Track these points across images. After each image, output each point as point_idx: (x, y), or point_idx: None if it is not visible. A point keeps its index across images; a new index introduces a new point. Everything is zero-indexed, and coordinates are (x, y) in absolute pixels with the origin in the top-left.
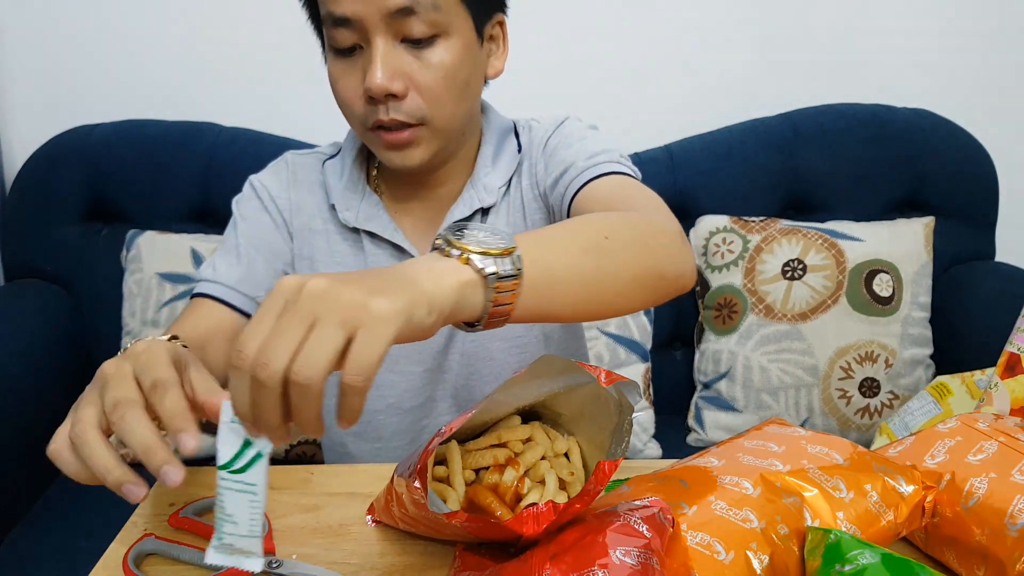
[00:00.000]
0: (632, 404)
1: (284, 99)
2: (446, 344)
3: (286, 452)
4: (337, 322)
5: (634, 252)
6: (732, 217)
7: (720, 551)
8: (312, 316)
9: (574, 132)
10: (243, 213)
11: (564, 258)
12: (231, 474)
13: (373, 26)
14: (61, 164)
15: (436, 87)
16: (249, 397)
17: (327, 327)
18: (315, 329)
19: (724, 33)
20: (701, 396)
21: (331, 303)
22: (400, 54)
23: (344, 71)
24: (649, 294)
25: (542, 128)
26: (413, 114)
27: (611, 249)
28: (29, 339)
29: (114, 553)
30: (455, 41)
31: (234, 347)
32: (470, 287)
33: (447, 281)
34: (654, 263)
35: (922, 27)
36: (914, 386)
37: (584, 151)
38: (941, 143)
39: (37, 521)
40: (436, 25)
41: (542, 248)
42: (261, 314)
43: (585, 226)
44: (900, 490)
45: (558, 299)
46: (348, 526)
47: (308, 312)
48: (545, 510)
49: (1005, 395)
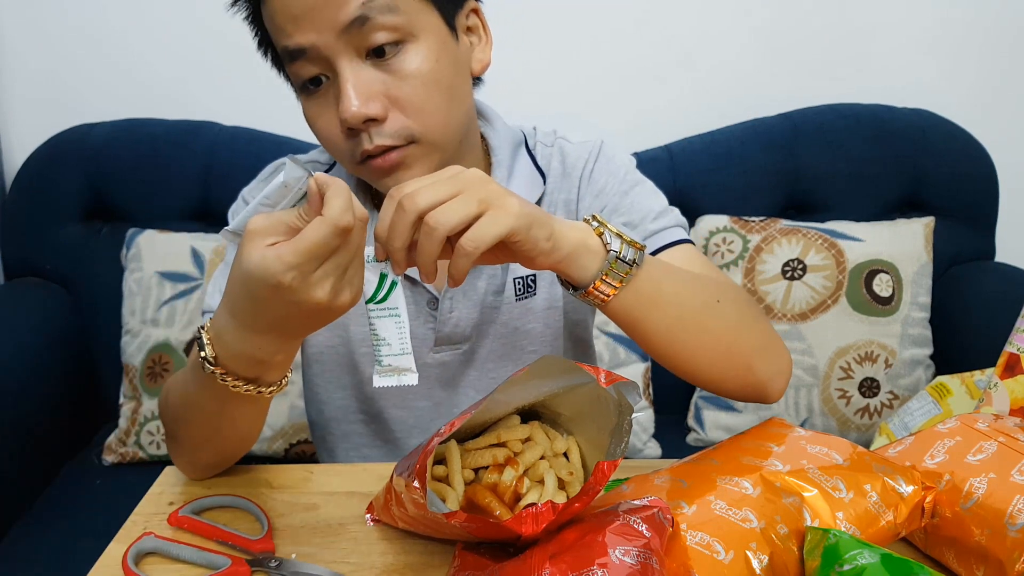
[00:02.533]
0: (632, 404)
1: (284, 98)
2: (456, 377)
3: (285, 452)
4: (477, 199)
5: (735, 328)
6: (732, 217)
7: (719, 551)
8: (463, 187)
9: (623, 171)
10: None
11: (678, 288)
12: (377, 304)
13: (331, 49)
14: (61, 163)
15: (418, 100)
16: (391, 219)
17: (469, 198)
18: (460, 196)
19: (724, 33)
20: (701, 396)
21: (480, 185)
22: (369, 73)
23: (318, 109)
24: (731, 374)
25: (577, 154)
26: (399, 134)
27: (719, 311)
28: (29, 338)
29: (113, 552)
30: (425, 43)
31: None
32: (592, 252)
33: (576, 233)
34: (749, 349)
35: (922, 27)
36: (914, 386)
37: (647, 205)
38: (941, 143)
39: (37, 521)
40: (397, 29)
41: (663, 270)
42: (433, 175)
43: (706, 282)
44: (900, 490)
45: (655, 316)
46: (347, 525)
47: (462, 184)
48: (544, 510)
49: (1005, 395)
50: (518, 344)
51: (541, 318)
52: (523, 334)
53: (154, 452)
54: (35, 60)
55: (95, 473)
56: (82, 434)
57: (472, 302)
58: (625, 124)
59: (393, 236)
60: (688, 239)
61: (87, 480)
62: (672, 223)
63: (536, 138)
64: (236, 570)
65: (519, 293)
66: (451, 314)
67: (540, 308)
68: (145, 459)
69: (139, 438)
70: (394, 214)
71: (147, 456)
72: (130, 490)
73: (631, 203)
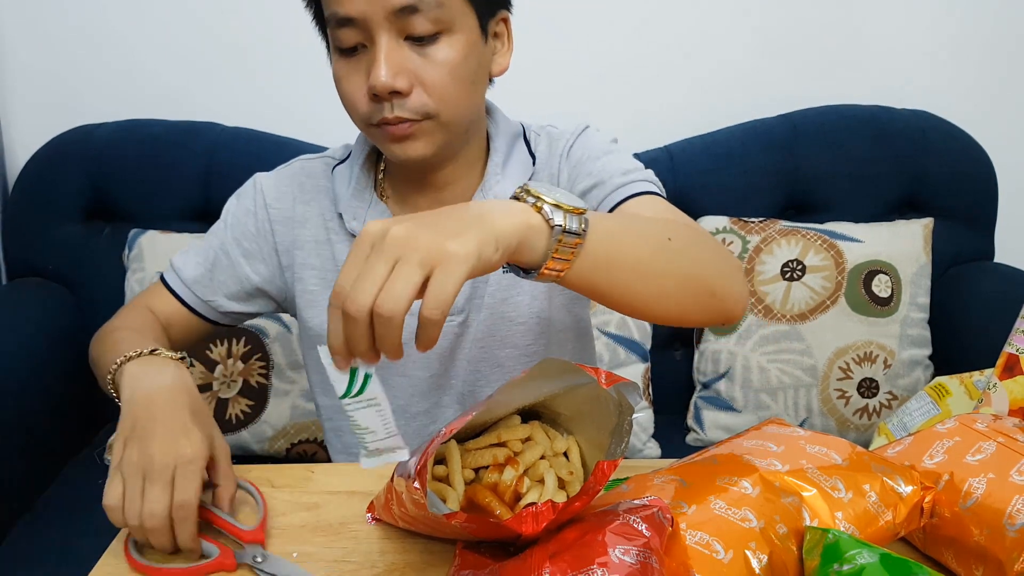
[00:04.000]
0: (632, 405)
1: (285, 98)
2: (452, 350)
3: (287, 451)
4: (417, 262)
5: (692, 260)
6: (731, 218)
7: (719, 550)
8: (395, 257)
9: (598, 144)
10: (232, 210)
11: (627, 240)
12: (353, 399)
13: (377, 25)
14: (63, 163)
15: (441, 83)
16: (342, 332)
17: (408, 266)
18: (397, 268)
19: (724, 33)
20: (700, 396)
21: (411, 245)
22: (404, 51)
23: (349, 70)
24: (696, 306)
25: (561, 137)
26: (418, 111)
27: (672, 248)
28: (31, 338)
29: (115, 551)
30: (459, 37)
31: (334, 288)
32: (536, 232)
33: (516, 220)
34: (708, 277)
35: (921, 28)
36: (913, 387)
37: (616, 166)
38: (940, 144)
39: (39, 520)
40: (440, 22)
41: (609, 225)
42: (352, 257)
43: (653, 223)
44: (898, 490)
45: (612, 276)
46: (348, 524)
47: (391, 254)
48: (544, 509)
49: (1004, 396)
50: (507, 316)
51: (528, 290)
52: (512, 305)
53: None
54: (37, 61)
55: (97, 472)
56: (83, 433)
57: None
58: (625, 124)
59: (353, 346)
60: (659, 192)
61: (89, 479)
62: (639, 178)
63: (530, 129)
64: (222, 562)
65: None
66: None
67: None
68: None
69: None
70: (344, 325)
71: None
72: None
73: (602, 166)
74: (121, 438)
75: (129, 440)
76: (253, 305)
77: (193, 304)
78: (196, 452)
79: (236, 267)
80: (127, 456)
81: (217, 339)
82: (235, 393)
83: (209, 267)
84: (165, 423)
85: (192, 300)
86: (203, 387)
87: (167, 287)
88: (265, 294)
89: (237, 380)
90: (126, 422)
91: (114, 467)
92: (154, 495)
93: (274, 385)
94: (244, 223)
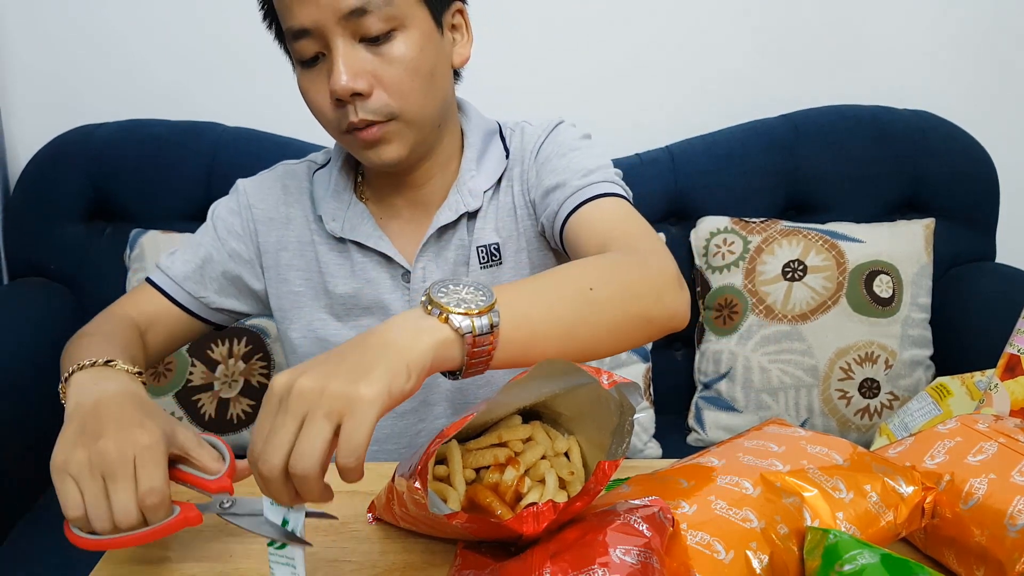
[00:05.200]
0: (633, 405)
1: (286, 98)
2: None
3: None
4: (323, 415)
5: (620, 301)
6: (733, 218)
7: (720, 550)
8: (302, 413)
9: (567, 141)
10: (217, 212)
11: (545, 311)
12: (276, 550)
13: (330, 30)
14: (64, 163)
15: (400, 81)
16: (265, 491)
17: (316, 421)
18: (306, 424)
19: (725, 34)
20: (701, 396)
21: (316, 399)
22: (360, 53)
23: (311, 81)
24: (635, 338)
25: (534, 132)
26: (380, 111)
27: (596, 299)
28: (32, 337)
29: (115, 552)
30: (413, 33)
31: (248, 446)
32: (447, 344)
33: (425, 341)
34: (640, 310)
35: (923, 28)
36: (914, 387)
37: (578, 166)
38: (941, 144)
39: (38, 520)
40: (391, 20)
41: (524, 302)
42: (262, 415)
43: (571, 278)
44: (900, 491)
45: (538, 349)
46: (349, 524)
47: (298, 410)
48: (545, 509)
49: (1005, 396)
50: None
51: None
52: None
53: None
54: (38, 61)
55: None
56: None
57: (443, 272)
58: (626, 125)
59: (277, 499)
60: (616, 192)
61: None
62: (599, 179)
63: (507, 126)
64: (186, 517)
65: (483, 262)
66: (423, 284)
67: (507, 277)
68: None
69: None
70: (264, 485)
71: None
72: None
73: (566, 164)
74: (66, 444)
75: (76, 444)
76: (244, 304)
77: (184, 301)
78: (154, 438)
79: (225, 263)
80: (75, 458)
81: (218, 339)
82: (236, 393)
83: (199, 264)
84: (116, 420)
85: (183, 297)
86: (204, 387)
87: (155, 286)
88: (254, 293)
89: (238, 380)
90: (71, 427)
91: (60, 472)
92: (120, 493)
93: None
94: (229, 222)
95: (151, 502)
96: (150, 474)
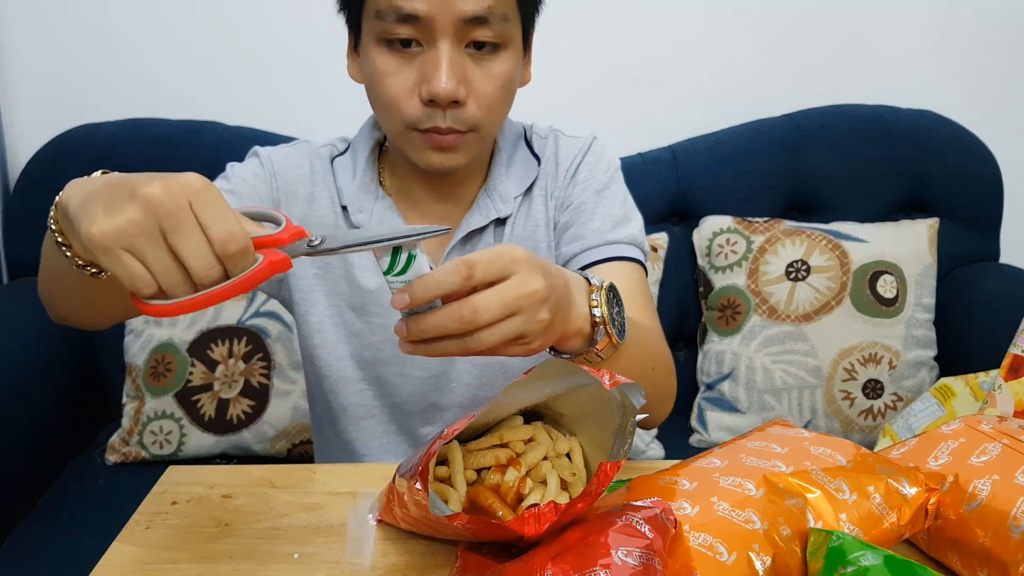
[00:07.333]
0: (635, 406)
1: (287, 98)
2: None
3: (288, 452)
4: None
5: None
6: (736, 218)
7: (722, 552)
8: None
9: (600, 173)
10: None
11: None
12: (395, 277)
13: (442, 29)
14: (65, 162)
15: (492, 96)
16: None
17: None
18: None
19: (728, 33)
20: (704, 397)
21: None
22: (464, 61)
23: (396, 66)
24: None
25: (569, 148)
26: (467, 121)
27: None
28: (32, 337)
29: (115, 552)
30: (512, 53)
31: None
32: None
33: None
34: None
35: (926, 28)
36: (918, 388)
37: (607, 213)
38: (945, 144)
39: (40, 520)
40: (502, 36)
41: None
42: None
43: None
44: (903, 492)
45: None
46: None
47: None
48: (547, 510)
49: (1009, 397)
50: None
51: None
52: None
53: (157, 452)
54: (39, 61)
55: (98, 472)
56: (85, 433)
57: None
58: (628, 125)
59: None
60: (637, 258)
61: (90, 479)
62: (625, 238)
63: (533, 131)
64: (271, 261)
65: None
66: None
67: None
68: (148, 459)
69: (142, 438)
70: (449, 320)
71: (150, 456)
72: (133, 489)
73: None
74: (98, 217)
75: (112, 209)
76: None
77: None
78: (205, 181)
79: None
80: (119, 224)
81: (218, 339)
82: (236, 393)
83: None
84: (148, 176)
85: None
86: (204, 387)
87: None
88: None
89: (238, 380)
90: (95, 202)
91: (107, 251)
92: (192, 247)
93: (275, 385)
94: (254, 184)
95: (233, 249)
96: (219, 217)
